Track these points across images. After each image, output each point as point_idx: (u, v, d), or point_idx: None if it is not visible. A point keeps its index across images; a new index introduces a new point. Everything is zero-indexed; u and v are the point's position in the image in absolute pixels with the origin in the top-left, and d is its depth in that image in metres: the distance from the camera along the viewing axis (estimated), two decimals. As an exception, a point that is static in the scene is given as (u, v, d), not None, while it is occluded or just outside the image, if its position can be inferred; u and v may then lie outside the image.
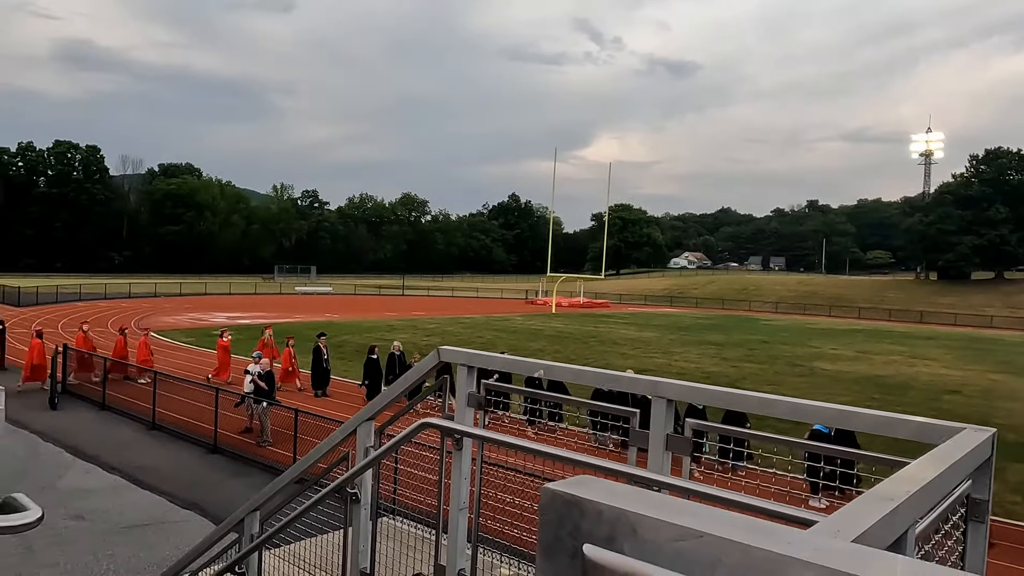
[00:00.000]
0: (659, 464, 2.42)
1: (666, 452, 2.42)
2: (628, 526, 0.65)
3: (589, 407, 2.90)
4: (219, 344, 23.13)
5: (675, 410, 9.46)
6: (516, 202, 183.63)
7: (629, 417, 2.56)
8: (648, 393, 2.48)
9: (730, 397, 2.27)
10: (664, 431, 2.42)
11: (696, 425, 2.40)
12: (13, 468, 14.13)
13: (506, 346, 34.92)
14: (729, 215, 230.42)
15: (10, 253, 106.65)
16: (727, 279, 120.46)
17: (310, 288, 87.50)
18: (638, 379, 2.55)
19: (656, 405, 2.44)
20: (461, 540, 3.06)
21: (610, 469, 2.42)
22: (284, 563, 5.23)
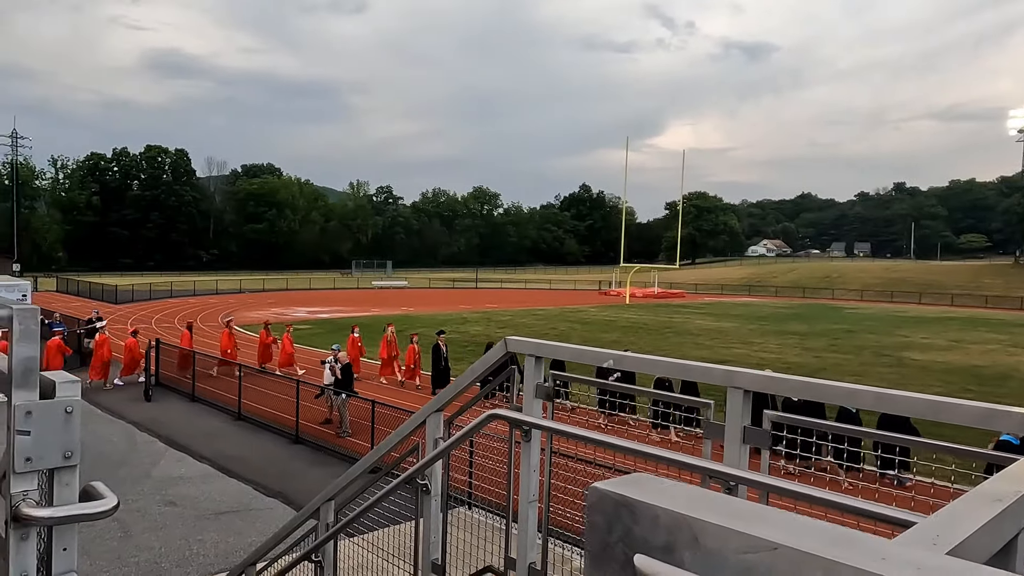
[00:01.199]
0: (736, 458, 2.30)
1: (744, 445, 2.30)
2: (688, 534, 0.57)
3: (663, 398, 2.78)
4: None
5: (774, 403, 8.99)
6: (588, 193, 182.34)
7: (702, 408, 2.45)
8: (723, 383, 2.36)
9: (811, 387, 2.13)
10: (741, 422, 2.29)
11: (776, 417, 2.27)
12: (113, 457, 14.94)
13: (580, 338, 34.75)
14: (809, 200, 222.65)
15: (108, 253, 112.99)
16: (808, 267, 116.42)
17: (386, 282, 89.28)
18: (712, 368, 2.44)
19: (732, 396, 2.32)
20: (531, 532, 3.01)
21: (683, 463, 2.32)
22: (360, 550, 5.31)
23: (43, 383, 1.80)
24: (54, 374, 1.86)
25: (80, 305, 45.56)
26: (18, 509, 1.71)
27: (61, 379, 1.83)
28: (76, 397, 1.81)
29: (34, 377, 1.76)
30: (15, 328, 1.76)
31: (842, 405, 3.19)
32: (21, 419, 1.72)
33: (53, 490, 1.79)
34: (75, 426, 1.79)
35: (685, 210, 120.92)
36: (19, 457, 1.72)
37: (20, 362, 1.74)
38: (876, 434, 2.50)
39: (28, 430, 1.73)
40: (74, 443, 1.79)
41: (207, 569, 9.72)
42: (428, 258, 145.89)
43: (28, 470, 1.74)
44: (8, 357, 1.75)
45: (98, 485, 1.93)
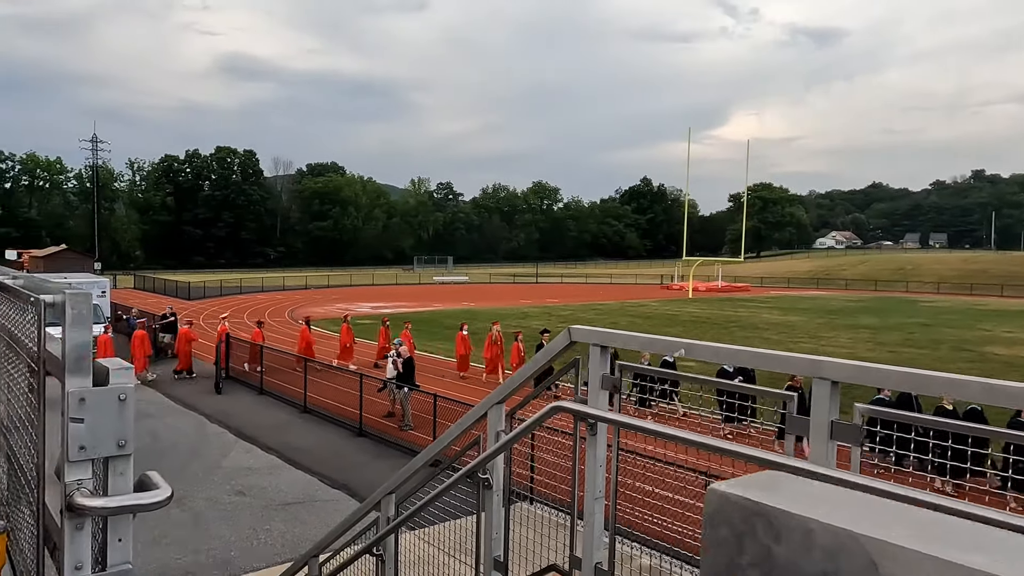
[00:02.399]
0: (823, 454, 2.11)
1: (831, 442, 2.11)
2: (861, 559, 0.40)
3: (734, 389, 2.59)
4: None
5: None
6: (648, 186, 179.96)
7: (786, 401, 2.26)
8: (808, 373, 2.17)
9: (910, 378, 1.92)
10: (828, 416, 2.11)
11: (867, 411, 2.07)
12: (186, 447, 15.42)
13: (642, 332, 34.29)
14: (881, 190, 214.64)
15: (182, 252, 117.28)
16: (880, 259, 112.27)
17: (447, 278, 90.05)
18: (793, 357, 2.25)
19: (818, 388, 2.13)
20: (597, 531, 2.88)
21: (762, 459, 2.14)
22: (423, 543, 5.27)
23: (96, 370, 1.77)
24: (108, 361, 1.82)
25: (155, 301, 47.33)
26: (72, 499, 1.67)
27: (115, 366, 1.79)
28: (130, 384, 1.77)
29: (87, 364, 1.72)
30: (68, 313, 1.72)
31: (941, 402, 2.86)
32: (75, 406, 1.68)
33: (108, 479, 1.75)
34: (129, 414, 1.75)
35: (750, 202, 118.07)
36: (73, 445, 1.68)
37: (73, 348, 1.70)
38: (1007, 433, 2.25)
39: (82, 418, 1.69)
40: (128, 431, 1.75)
41: (274, 559, 9.89)
42: (488, 253, 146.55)
43: (82, 458, 1.70)
44: (61, 342, 1.71)
45: (153, 475, 1.88)
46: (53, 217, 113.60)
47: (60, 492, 1.69)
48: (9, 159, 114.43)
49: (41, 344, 1.81)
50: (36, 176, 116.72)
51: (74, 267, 54.82)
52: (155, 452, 14.92)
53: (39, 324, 1.80)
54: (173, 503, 9.08)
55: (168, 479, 6.73)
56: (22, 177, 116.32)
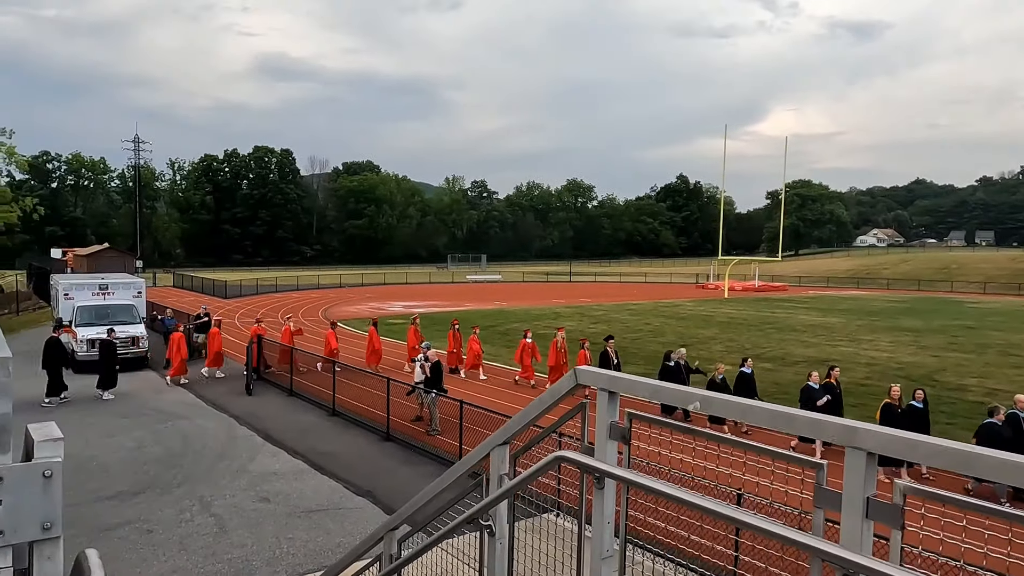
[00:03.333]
0: (856, 536, 1.82)
1: (866, 521, 1.82)
2: None
3: (769, 453, 2.26)
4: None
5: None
6: (684, 183, 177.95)
7: (816, 468, 1.97)
8: (840, 442, 1.89)
9: (971, 460, 1.62)
10: (864, 493, 1.82)
11: (911, 490, 1.78)
12: (214, 450, 15.46)
13: (675, 334, 33.72)
14: (925, 187, 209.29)
15: (221, 250, 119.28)
16: (923, 257, 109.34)
17: (480, 276, 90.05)
18: (823, 422, 1.96)
19: (852, 458, 1.84)
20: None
21: (788, 538, 1.87)
22: (445, 555, 5.02)
23: (26, 440, 1.57)
24: (36, 429, 1.62)
25: (193, 300, 48.05)
26: (-16, 592, 1.47)
27: (41, 437, 1.59)
28: (57, 459, 1.56)
29: (7, 438, 1.52)
30: (-18, 381, 1.52)
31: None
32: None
33: (33, 567, 1.56)
34: (56, 492, 1.54)
35: (788, 199, 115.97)
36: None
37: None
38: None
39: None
40: (55, 512, 1.54)
41: (296, 569, 9.78)
42: (522, 251, 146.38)
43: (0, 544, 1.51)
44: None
45: (91, 555, 1.67)
46: (97, 216, 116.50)
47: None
48: (56, 160, 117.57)
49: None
50: (81, 176, 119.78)
51: (116, 265, 55.89)
52: (184, 455, 14.99)
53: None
54: (199, 508, 8.98)
55: (195, 482, 6.57)
56: (68, 177, 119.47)
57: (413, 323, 24.74)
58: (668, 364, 18.25)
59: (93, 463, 14.46)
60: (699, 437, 2.35)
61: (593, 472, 2.46)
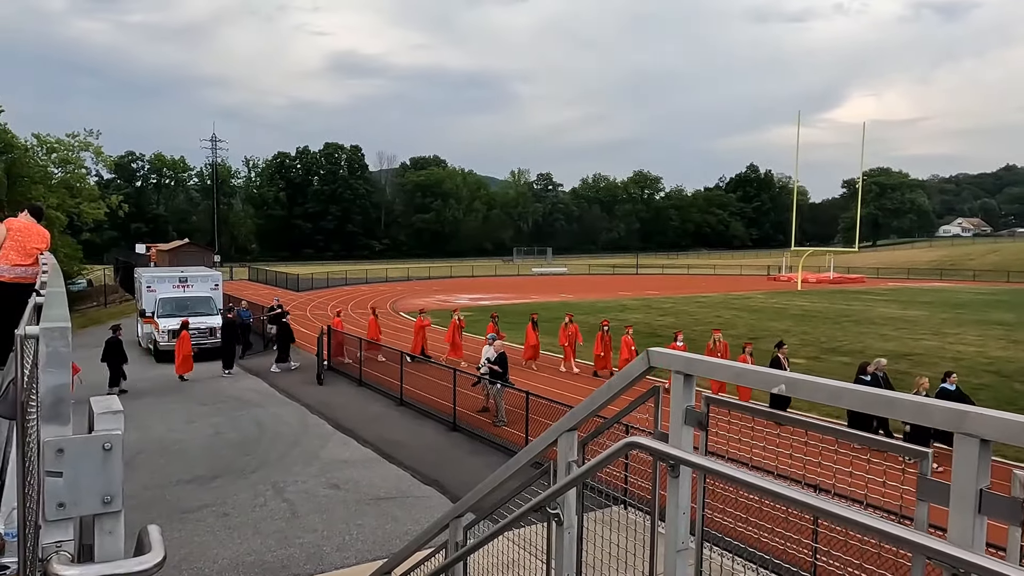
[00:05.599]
0: (967, 533, 1.64)
1: (979, 516, 1.64)
2: None
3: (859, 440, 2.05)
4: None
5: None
6: (755, 173, 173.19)
7: (920, 458, 1.79)
8: (948, 427, 1.70)
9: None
10: (976, 484, 1.63)
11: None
12: (288, 437, 15.85)
13: (746, 326, 32.85)
14: (1015, 173, 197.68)
15: (294, 244, 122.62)
16: (1014, 247, 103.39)
17: (546, 269, 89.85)
18: (929, 406, 1.77)
19: (962, 446, 1.66)
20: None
21: (889, 533, 1.69)
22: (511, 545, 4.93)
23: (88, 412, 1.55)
24: (96, 402, 1.60)
25: (267, 292, 49.51)
26: (48, 565, 1.45)
27: (101, 409, 1.57)
28: (117, 431, 1.53)
29: (65, 409, 1.50)
30: (42, 351, 1.50)
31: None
32: (51, 458, 1.46)
33: (95, 541, 1.53)
34: (116, 465, 1.51)
35: (865, 188, 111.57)
36: (50, 503, 1.47)
37: (48, 391, 1.48)
38: None
39: (60, 471, 1.47)
40: (115, 485, 1.51)
41: (364, 555, 9.91)
42: (588, 244, 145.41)
43: (61, 517, 1.48)
44: (35, 386, 1.50)
45: (152, 531, 1.63)
46: (178, 212, 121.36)
47: (34, 558, 1.48)
48: (140, 159, 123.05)
49: (20, 384, 1.61)
50: (163, 175, 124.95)
51: (195, 260, 57.98)
52: (259, 441, 15.43)
53: (18, 363, 1.60)
54: (272, 493, 9.14)
55: (269, 468, 6.66)
56: (151, 176, 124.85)
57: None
58: (863, 379, 15.01)
59: (175, 447, 15.03)
60: (784, 424, 2.18)
61: (667, 459, 2.32)
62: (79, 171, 47.82)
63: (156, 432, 16.17)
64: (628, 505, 4.61)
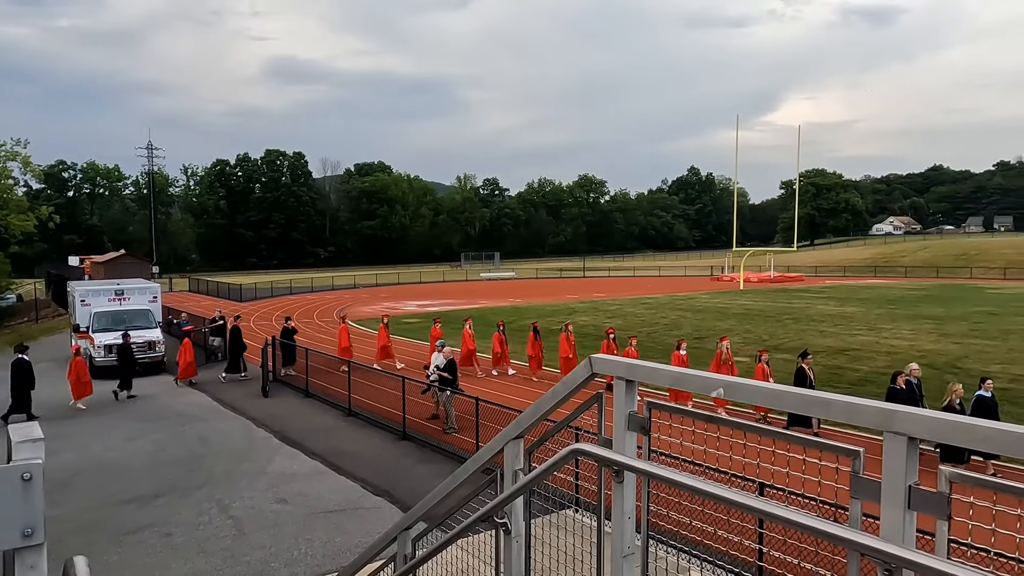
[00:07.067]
0: (898, 528, 1.69)
1: (909, 511, 1.69)
2: None
3: (796, 440, 2.09)
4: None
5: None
6: (697, 175, 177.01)
7: (852, 456, 1.84)
8: (878, 426, 1.76)
9: (1007, 436, 1.49)
10: (905, 481, 1.68)
11: (957, 476, 1.64)
12: (233, 452, 15.45)
13: (692, 327, 33.46)
14: (942, 173, 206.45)
15: (236, 254, 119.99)
16: (942, 244, 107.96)
17: (494, 274, 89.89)
18: (860, 406, 1.82)
19: (891, 444, 1.71)
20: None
21: (824, 532, 1.73)
22: (462, 553, 4.91)
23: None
24: (15, 430, 1.53)
25: (209, 304, 48.27)
26: (-37, 604, 1.37)
27: (19, 437, 1.49)
28: (37, 460, 1.46)
29: (-19, 439, 1.42)
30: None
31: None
32: (-34, 491, 1.39)
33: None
34: (36, 496, 1.44)
35: (802, 189, 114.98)
36: (-35, 538, 1.39)
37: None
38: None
39: (-25, 504, 1.39)
40: (36, 517, 1.44)
41: (314, 570, 9.72)
42: (536, 248, 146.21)
43: (-23, 553, 1.41)
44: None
45: (79, 563, 1.57)
46: (114, 223, 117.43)
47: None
48: (71, 168, 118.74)
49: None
50: (96, 184, 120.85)
51: (132, 271, 56.22)
52: (203, 457, 15.01)
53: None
54: (217, 511, 8.90)
55: (214, 485, 6.47)
56: (84, 185, 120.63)
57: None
58: (895, 388, 13.86)
59: (115, 467, 14.51)
60: (724, 426, 2.23)
61: (611, 465, 2.34)
62: (6, 182, 45.94)
63: (94, 451, 15.60)
64: (579, 508, 4.64)
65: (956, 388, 12.94)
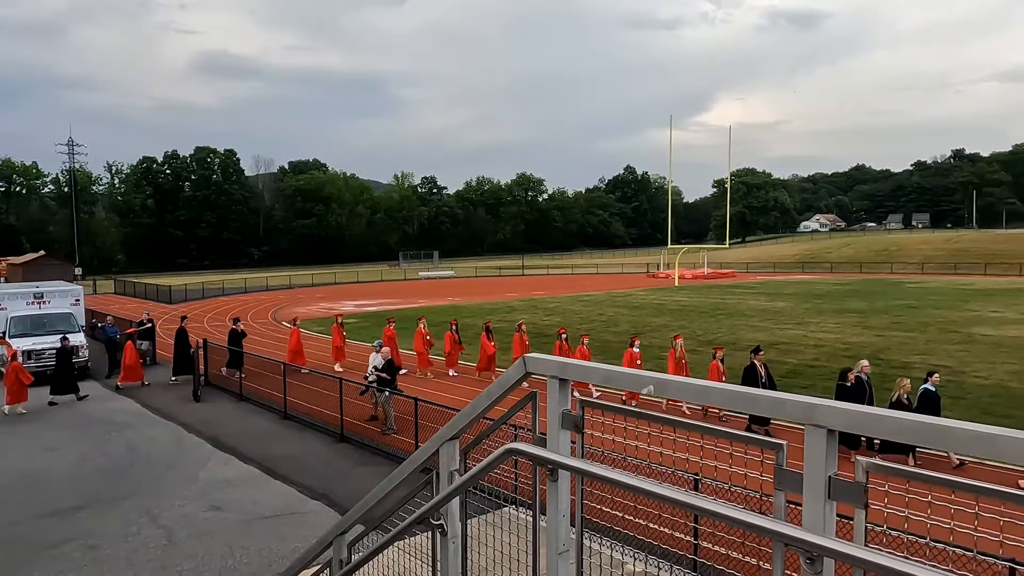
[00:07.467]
0: (819, 518, 1.75)
1: (829, 501, 1.75)
2: None
3: (719, 434, 2.16)
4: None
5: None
6: (633, 174, 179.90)
7: (776, 449, 1.90)
8: (800, 420, 1.82)
9: (927, 430, 1.57)
10: (825, 472, 1.75)
11: (873, 467, 1.72)
12: (162, 460, 14.95)
13: (628, 323, 34.00)
14: (864, 172, 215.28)
15: (165, 254, 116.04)
16: (865, 241, 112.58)
17: (433, 273, 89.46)
18: (783, 400, 1.88)
19: (812, 436, 1.77)
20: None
21: (749, 524, 1.78)
22: (403, 555, 4.87)
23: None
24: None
25: (136, 306, 46.62)
26: None
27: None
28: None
29: None
30: None
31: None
32: None
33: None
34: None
35: (734, 187, 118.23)
36: None
37: None
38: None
39: None
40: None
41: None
42: (475, 247, 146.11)
43: None
44: None
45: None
46: (32, 223, 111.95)
47: None
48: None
49: None
50: (12, 182, 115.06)
51: (54, 273, 53.82)
52: (130, 466, 14.47)
53: None
54: (146, 521, 8.61)
55: (143, 494, 6.25)
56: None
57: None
58: (845, 384, 13.88)
59: (34, 478, 13.86)
60: (655, 423, 2.27)
61: (546, 464, 2.36)
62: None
63: (12, 462, 14.87)
64: (519, 504, 4.65)
65: (903, 383, 13.10)
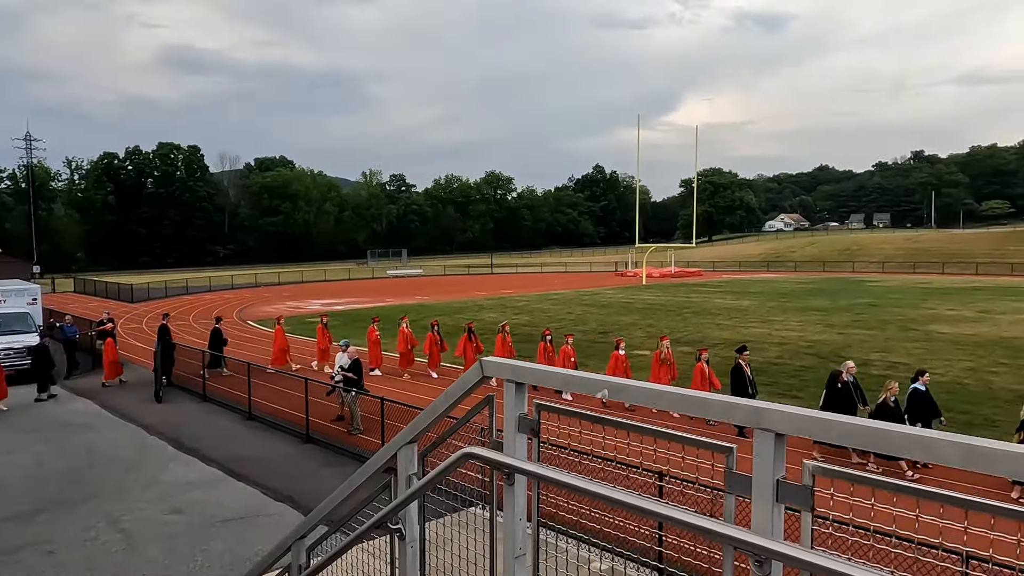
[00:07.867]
0: (767, 521, 1.77)
1: (777, 504, 1.78)
2: None
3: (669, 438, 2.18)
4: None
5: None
6: (601, 173, 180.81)
7: (726, 453, 1.92)
8: (748, 424, 1.84)
9: (868, 433, 1.59)
10: (773, 475, 1.77)
11: (819, 470, 1.74)
12: (123, 462, 14.65)
13: (596, 322, 34.17)
14: (827, 172, 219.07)
15: (127, 252, 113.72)
16: (828, 240, 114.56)
17: (401, 271, 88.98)
18: (735, 405, 1.90)
19: (760, 440, 1.79)
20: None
21: (699, 527, 1.80)
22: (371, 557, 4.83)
23: None
24: None
25: (96, 305, 45.65)
26: None
27: None
28: None
29: None
30: None
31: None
32: None
33: None
34: None
35: (700, 187, 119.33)
36: None
37: None
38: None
39: None
40: None
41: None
42: (443, 245, 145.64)
43: None
44: None
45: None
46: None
47: None
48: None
49: None
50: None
51: (10, 271, 52.47)
52: (89, 469, 14.16)
53: None
54: (105, 525, 8.43)
55: (102, 498, 6.13)
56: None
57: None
58: (836, 387, 13.57)
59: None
60: (609, 426, 2.28)
61: (502, 468, 2.35)
62: None
63: (-36, 467, 14.45)
64: (476, 508, 4.65)
65: (892, 386, 12.85)
